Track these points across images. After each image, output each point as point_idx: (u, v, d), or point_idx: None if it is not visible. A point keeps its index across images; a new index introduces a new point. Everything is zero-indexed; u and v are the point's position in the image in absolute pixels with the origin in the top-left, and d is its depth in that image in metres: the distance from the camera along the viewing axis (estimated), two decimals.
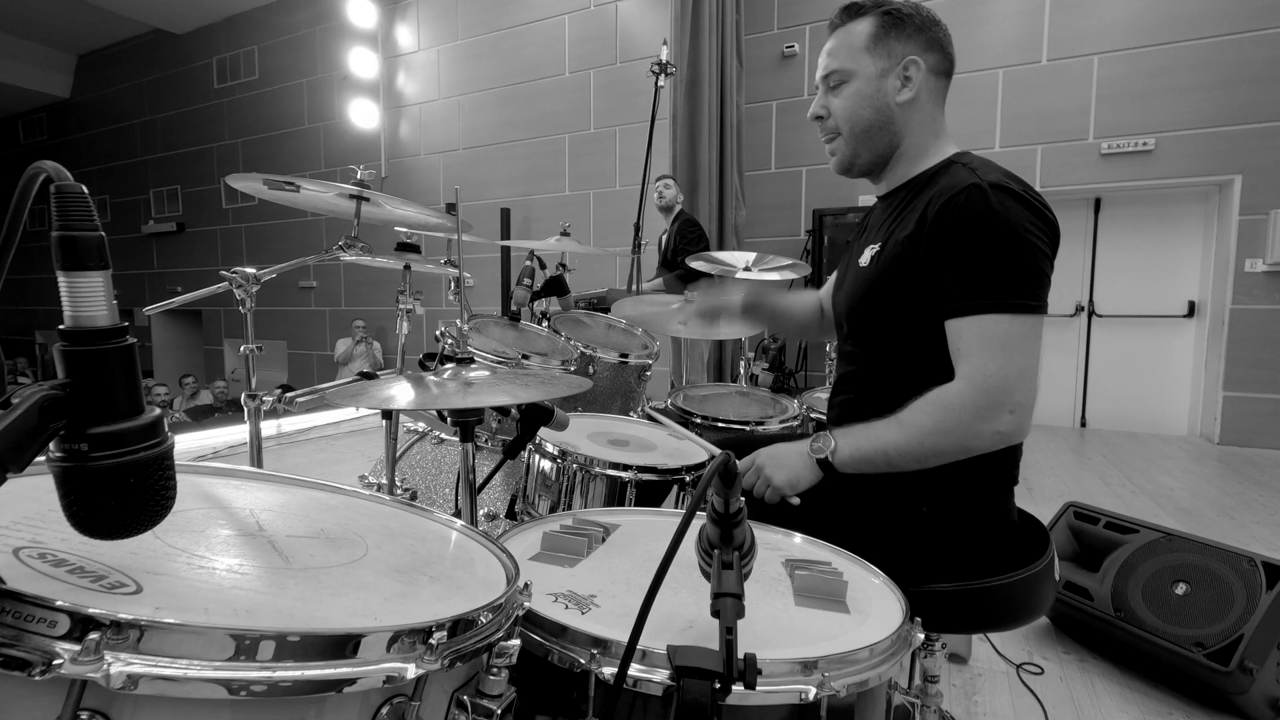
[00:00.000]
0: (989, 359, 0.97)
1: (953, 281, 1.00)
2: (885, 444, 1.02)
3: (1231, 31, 4.63)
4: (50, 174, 0.47)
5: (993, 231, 0.97)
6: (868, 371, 1.17)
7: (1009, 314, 0.97)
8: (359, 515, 0.82)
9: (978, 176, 1.01)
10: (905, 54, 1.09)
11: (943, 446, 0.99)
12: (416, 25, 8.01)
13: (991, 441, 0.99)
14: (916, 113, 1.12)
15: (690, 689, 0.55)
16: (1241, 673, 1.50)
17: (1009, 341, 0.96)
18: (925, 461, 1.01)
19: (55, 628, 0.44)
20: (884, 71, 1.10)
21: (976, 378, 0.97)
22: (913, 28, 1.10)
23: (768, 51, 6.01)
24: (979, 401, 0.97)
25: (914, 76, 1.10)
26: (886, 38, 1.10)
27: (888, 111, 1.11)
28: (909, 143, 1.14)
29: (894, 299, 1.09)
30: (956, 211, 1.00)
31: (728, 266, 2.86)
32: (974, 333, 0.99)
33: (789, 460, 1.11)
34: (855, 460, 1.05)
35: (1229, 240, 4.73)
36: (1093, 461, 4.17)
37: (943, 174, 1.09)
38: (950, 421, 0.98)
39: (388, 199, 1.93)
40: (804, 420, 2.06)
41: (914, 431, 1.00)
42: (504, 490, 1.84)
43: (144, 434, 0.49)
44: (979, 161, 1.08)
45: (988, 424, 0.97)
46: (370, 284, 8.42)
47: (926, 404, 1.01)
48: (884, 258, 1.10)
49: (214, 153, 9.97)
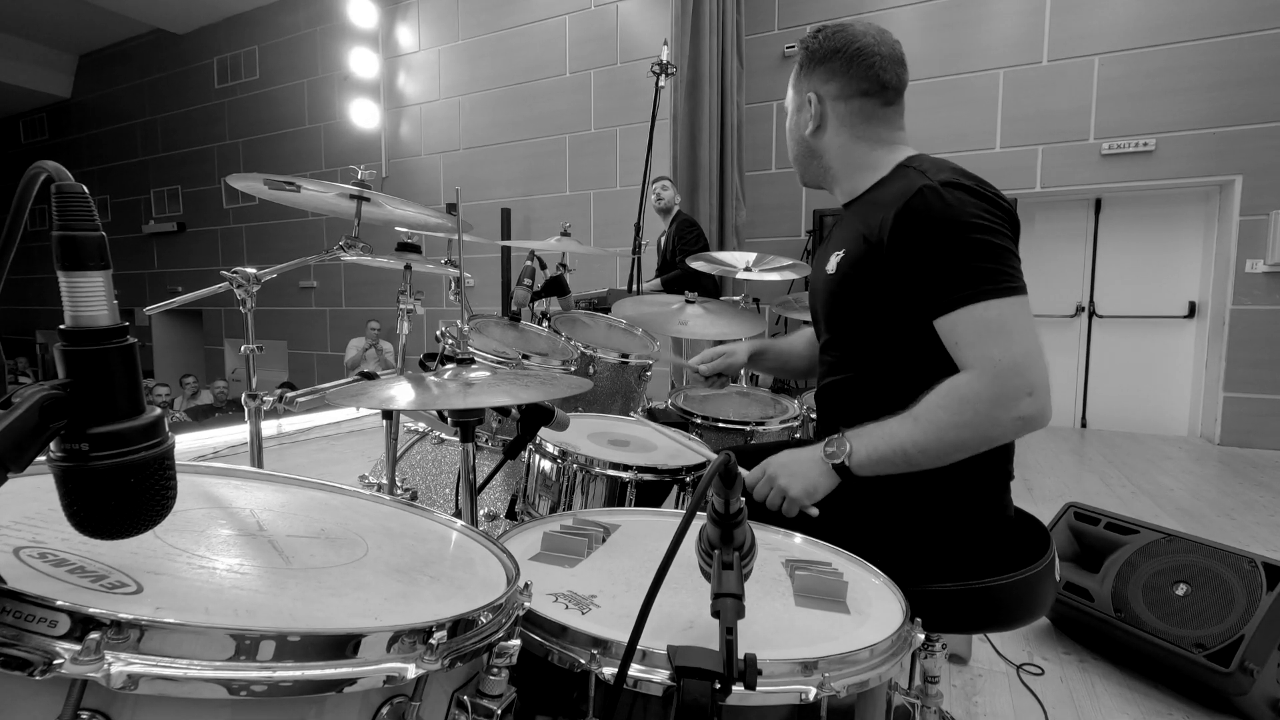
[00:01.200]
0: (992, 345, 0.96)
1: (930, 282, 1.01)
2: (903, 442, 1.00)
3: (1232, 32, 4.63)
4: (51, 174, 0.47)
5: (954, 226, 0.99)
6: (848, 374, 1.19)
7: (996, 299, 0.97)
8: (359, 515, 0.82)
9: (928, 178, 1.03)
10: (808, 88, 1.20)
11: (964, 439, 0.97)
12: (417, 25, 8.01)
13: (1015, 428, 0.96)
14: (831, 138, 1.20)
15: (690, 689, 0.55)
16: (1242, 673, 1.50)
17: (1005, 325, 0.96)
18: (946, 457, 0.99)
19: (56, 627, 0.44)
20: (799, 107, 1.23)
21: (986, 365, 0.96)
22: (813, 63, 1.19)
23: (768, 51, 6.01)
24: (994, 389, 0.95)
25: (817, 109, 1.19)
26: (799, 75, 1.22)
27: (804, 143, 1.23)
28: (833, 164, 1.22)
29: (861, 304, 1.12)
30: (913, 215, 1.01)
31: (728, 267, 2.86)
32: (968, 323, 0.98)
33: (803, 468, 1.07)
34: (873, 462, 1.02)
35: (1229, 241, 4.73)
36: (1093, 462, 4.17)
37: (894, 180, 1.12)
38: (969, 413, 0.96)
39: (388, 199, 1.93)
40: (804, 420, 2.06)
41: (932, 427, 0.98)
42: (504, 490, 1.84)
43: (144, 434, 0.49)
44: (929, 163, 1.10)
45: (1008, 411, 0.95)
46: (371, 284, 8.42)
47: (941, 398, 0.99)
48: (845, 264, 1.14)
49: (214, 153, 9.97)
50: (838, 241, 1.20)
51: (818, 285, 1.25)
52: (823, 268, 1.21)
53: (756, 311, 2.90)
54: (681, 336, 2.54)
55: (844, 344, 1.19)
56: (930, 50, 5.36)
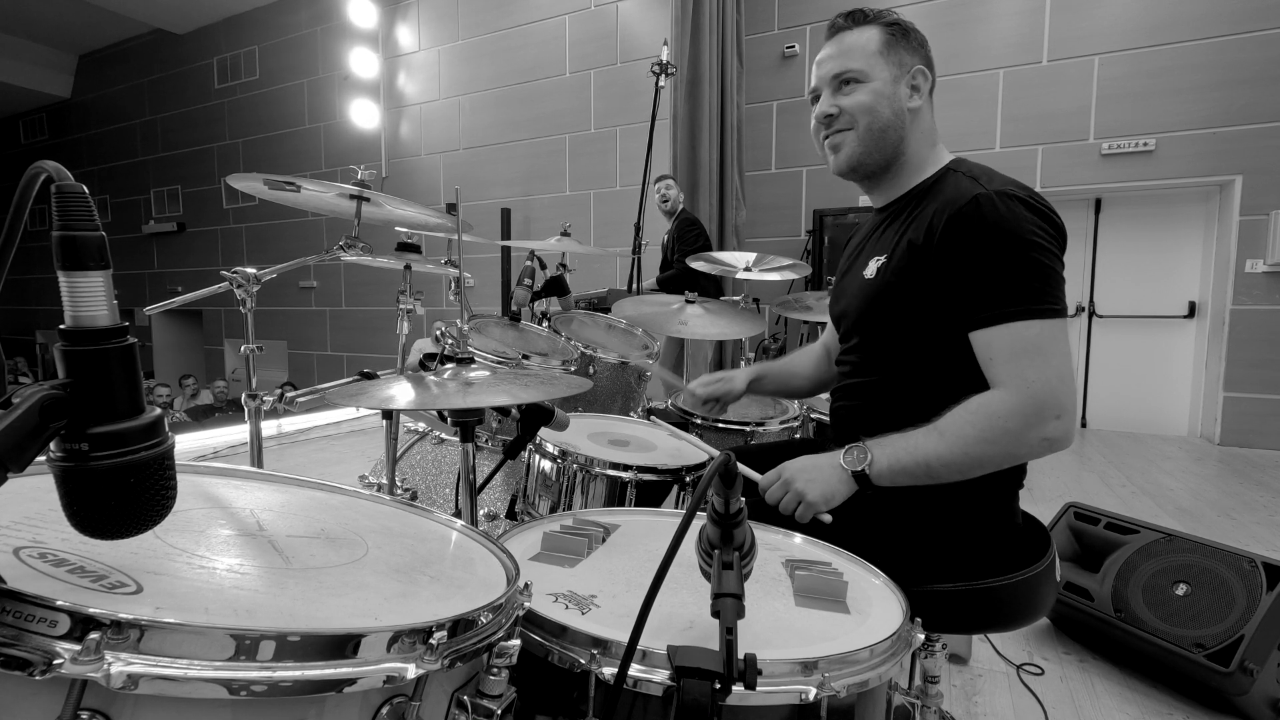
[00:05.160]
0: (1027, 366, 0.95)
1: (973, 293, 1.00)
2: (927, 455, 0.99)
3: (1232, 32, 4.62)
4: (51, 174, 0.47)
5: (1006, 240, 0.98)
6: (872, 377, 1.18)
7: (1037, 319, 0.96)
8: (359, 515, 0.82)
9: (982, 186, 1.02)
10: (914, 64, 1.14)
11: (989, 456, 0.97)
12: (417, 25, 8.01)
13: (1040, 449, 0.97)
14: (920, 122, 1.16)
15: (690, 689, 0.55)
16: (1242, 673, 1.50)
17: (1043, 346, 0.96)
18: (968, 472, 0.99)
19: (56, 627, 0.44)
20: (895, 78, 1.13)
21: (1019, 385, 0.95)
22: (917, 42, 1.16)
23: (768, 51, 6.00)
24: (1025, 409, 0.95)
25: (921, 86, 1.15)
26: (896, 47, 1.13)
27: (902, 115, 1.14)
28: (911, 150, 1.16)
29: (904, 310, 1.09)
30: (967, 223, 1.00)
31: (728, 266, 2.86)
32: (1006, 340, 0.97)
33: (821, 474, 1.04)
34: (894, 472, 1.01)
35: (1229, 241, 4.73)
36: (1093, 462, 4.17)
37: (942, 183, 1.11)
38: (997, 431, 0.96)
39: (388, 199, 1.93)
40: (804, 421, 2.06)
41: (958, 442, 0.97)
42: (504, 490, 1.84)
43: (144, 434, 0.49)
44: (979, 169, 1.09)
45: (1035, 431, 0.95)
46: (371, 284, 8.42)
47: (969, 414, 0.98)
48: (891, 269, 1.11)
49: (214, 153, 9.97)
50: (877, 245, 1.18)
51: (849, 288, 1.23)
52: (857, 271, 1.19)
53: (756, 311, 2.90)
54: (682, 336, 2.53)
55: (873, 347, 1.18)
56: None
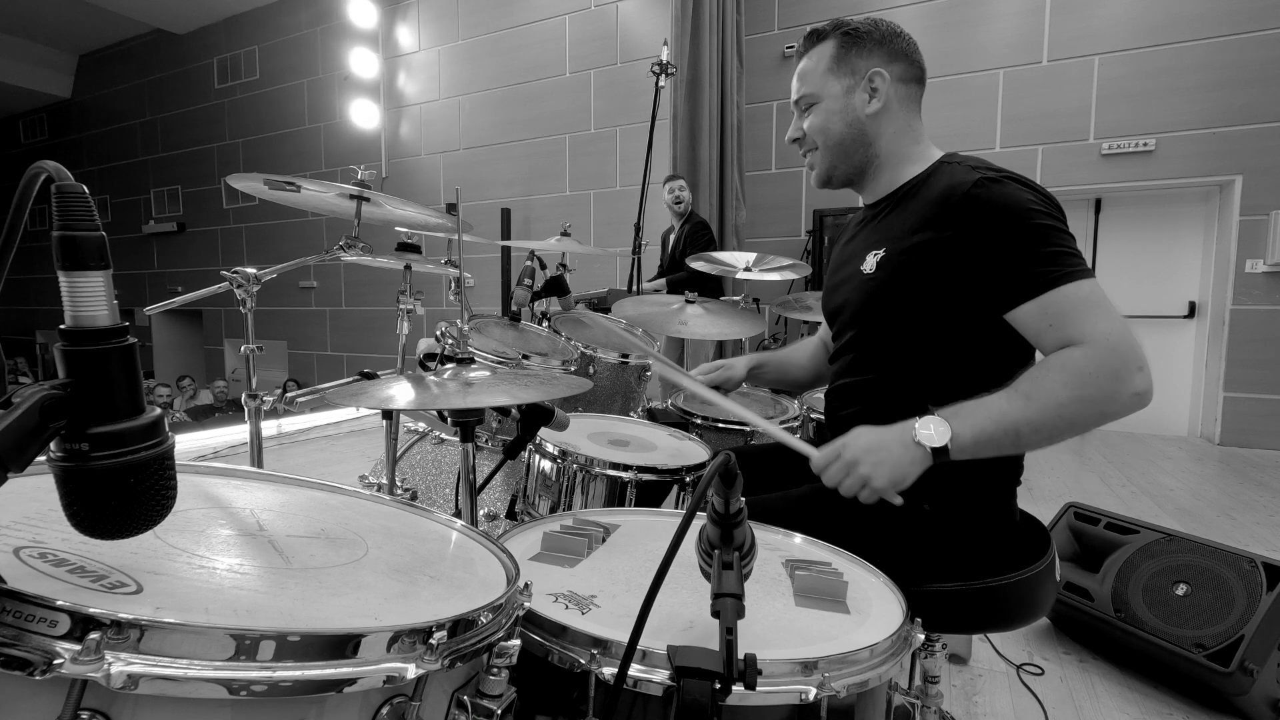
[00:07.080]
0: (1099, 319, 0.93)
1: (1008, 270, 0.98)
2: (1015, 421, 0.93)
3: (1232, 32, 4.62)
4: (51, 174, 0.47)
5: (1024, 214, 0.98)
6: (869, 375, 1.17)
7: (1087, 279, 0.95)
8: (359, 515, 0.82)
9: (980, 172, 1.02)
10: (868, 68, 1.14)
11: (1081, 415, 0.92)
12: (417, 25, 8.01)
13: (1130, 404, 0.92)
14: (889, 121, 1.16)
15: (690, 689, 0.55)
16: (1242, 673, 1.50)
17: (1101, 301, 0.94)
18: (1058, 436, 0.94)
19: (56, 627, 0.44)
20: (849, 89, 1.15)
21: (1099, 339, 0.92)
22: (872, 43, 1.15)
23: (768, 52, 6.01)
24: (1113, 361, 0.91)
25: (880, 87, 1.14)
26: (848, 56, 1.15)
27: (859, 124, 1.16)
28: (885, 150, 1.17)
29: (907, 302, 1.08)
30: (980, 204, 0.99)
31: (728, 267, 2.86)
32: (1067, 301, 0.94)
33: (890, 454, 0.95)
34: (979, 444, 0.94)
35: (1229, 241, 4.73)
36: (1093, 462, 4.17)
37: (937, 175, 1.11)
38: (1090, 388, 0.91)
39: (388, 199, 1.93)
40: (804, 421, 2.06)
41: (1049, 403, 0.92)
42: (504, 490, 1.84)
43: (144, 434, 0.49)
44: (974, 160, 1.09)
45: (1126, 385, 0.91)
46: (371, 284, 8.42)
47: (1055, 372, 0.93)
48: (890, 263, 1.10)
49: (214, 153, 9.97)
50: (874, 240, 1.16)
51: (846, 284, 1.21)
52: (854, 266, 1.18)
53: (756, 311, 2.90)
54: (682, 336, 2.53)
55: (871, 344, 1.16)
56: (930, 50, 5.26)
